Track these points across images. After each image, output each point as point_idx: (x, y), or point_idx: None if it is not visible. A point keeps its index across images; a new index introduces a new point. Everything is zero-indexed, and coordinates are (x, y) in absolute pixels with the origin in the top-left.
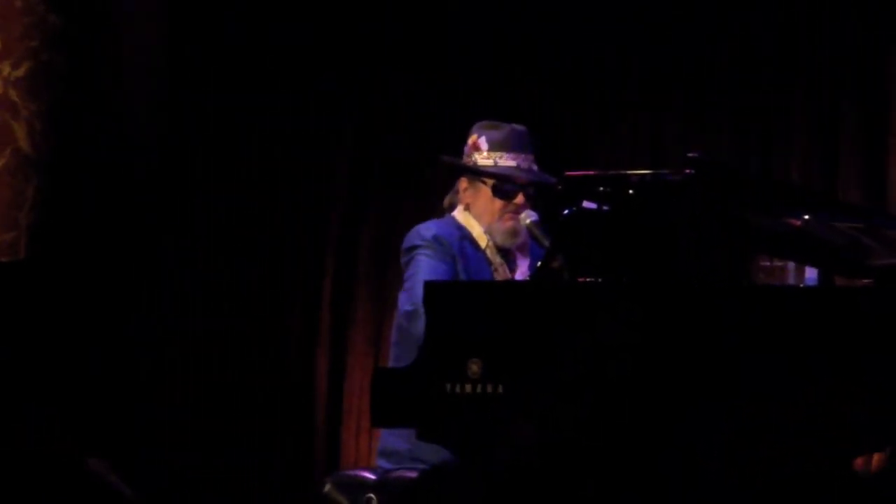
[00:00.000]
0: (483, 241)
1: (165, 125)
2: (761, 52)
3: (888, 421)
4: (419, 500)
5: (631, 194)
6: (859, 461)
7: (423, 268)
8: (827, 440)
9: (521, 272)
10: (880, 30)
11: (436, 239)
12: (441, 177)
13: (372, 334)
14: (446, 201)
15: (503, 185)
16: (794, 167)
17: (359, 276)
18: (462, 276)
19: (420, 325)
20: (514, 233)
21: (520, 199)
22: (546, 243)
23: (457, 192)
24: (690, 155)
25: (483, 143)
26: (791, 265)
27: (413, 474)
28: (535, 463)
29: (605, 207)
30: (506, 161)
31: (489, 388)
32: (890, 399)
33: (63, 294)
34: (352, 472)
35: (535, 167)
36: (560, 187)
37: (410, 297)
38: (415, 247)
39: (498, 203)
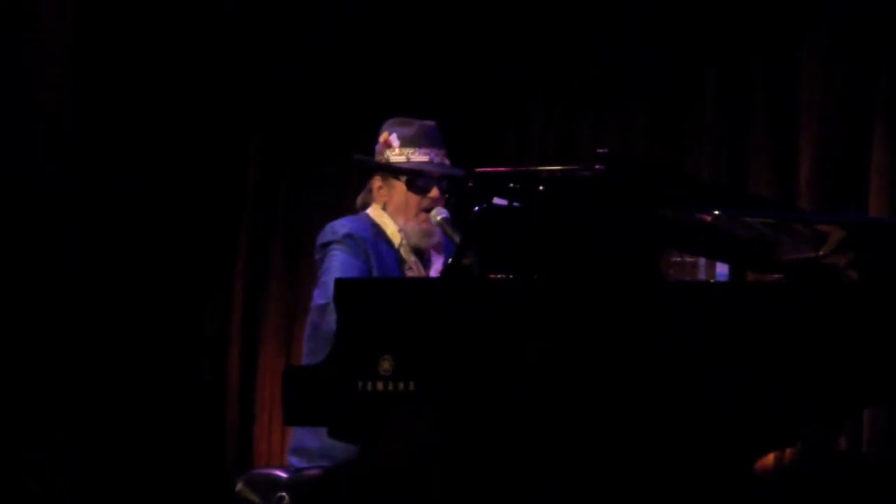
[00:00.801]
0: (397, 239)
1: (71, 115)
2: (672, 45)
3: (799, 416)
4: (328, 497)
5: (541, 190)
6: (770, 457)
7: (337, 264)
8: (736, 437)
9: (436, 270)
10: (789, 22)
11: (349, 236)
12: (353, 175)
13: (284, 332)
14: (359, 200)
15: (417, 179)
16: (705, 162)
17: (270, 274)
18: (375, 274)
19: (331, 321)
20: (427, 234)
21: (434, 192)
22: (457, 240)
23: (370, 190)
24: (600, 151)
25: (394, 139)
26: (702, 261)
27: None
28: (445, 459)
29: (515, 204)
30: (418, 156)
31: (401, 386)
32: (800, 394)
33: None
34: (264, 471)
35: (447, 161)
36: (471, 183)
37: (323, 292)
38: (329, 243)
39: (413, 198)
